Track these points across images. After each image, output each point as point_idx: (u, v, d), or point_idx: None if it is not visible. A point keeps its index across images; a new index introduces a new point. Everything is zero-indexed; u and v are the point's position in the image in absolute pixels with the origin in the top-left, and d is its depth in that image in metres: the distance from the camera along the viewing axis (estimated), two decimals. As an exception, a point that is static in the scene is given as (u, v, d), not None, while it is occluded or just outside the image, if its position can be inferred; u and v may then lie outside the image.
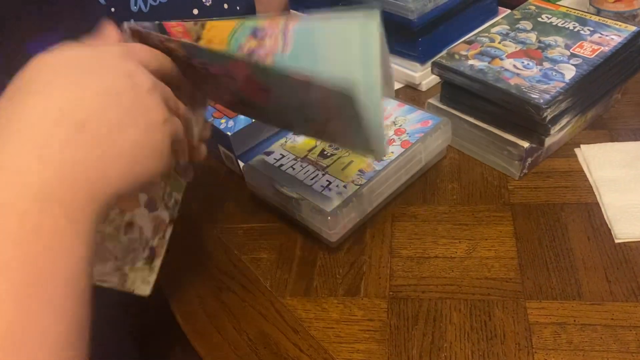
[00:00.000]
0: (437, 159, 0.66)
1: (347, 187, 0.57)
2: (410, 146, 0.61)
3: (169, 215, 0.54)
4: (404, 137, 0.62)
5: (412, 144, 0.61)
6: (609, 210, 0.57)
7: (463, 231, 0.58)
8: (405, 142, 0.61)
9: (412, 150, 0.61)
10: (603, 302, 0.50)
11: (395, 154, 0.60)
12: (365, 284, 0.55)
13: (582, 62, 0.60)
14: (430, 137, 0.62)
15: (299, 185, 0.59)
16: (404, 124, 0.64)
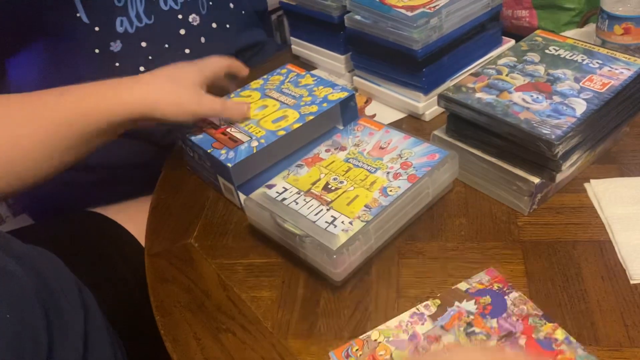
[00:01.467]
0: (444, 193, 0.65)
1: (352, 224, 0.55)
2: (417, 180, 0.59)
3: None
4: (411, 170, 0.60)
5: (419, 179, 0.59)
6: (622, 250, 0.55)
7: (473, 270, 0.56)
8: (412, 177, 0.59)
9: (419, 184, 0.59)
10: (621, 348, 0.47)
11: (402, 189, 0.58)
12: (372, 325, 0.52)
13: (593, 97, 0.59)
14: (438, 171, 0.60)
15: (303, 220, 0.56)
16: (410, 157, 0.62)
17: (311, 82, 0.77)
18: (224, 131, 0.70)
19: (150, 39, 0.84)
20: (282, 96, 0.75)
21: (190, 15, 0.88)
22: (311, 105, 0.72)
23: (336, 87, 0.75)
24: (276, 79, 0.80)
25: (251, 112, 0.73)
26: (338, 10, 0.84)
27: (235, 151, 0.66)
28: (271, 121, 0.70)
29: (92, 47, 0.80)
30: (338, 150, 0.65)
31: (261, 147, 0.66)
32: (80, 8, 0.77)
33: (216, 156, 0.66)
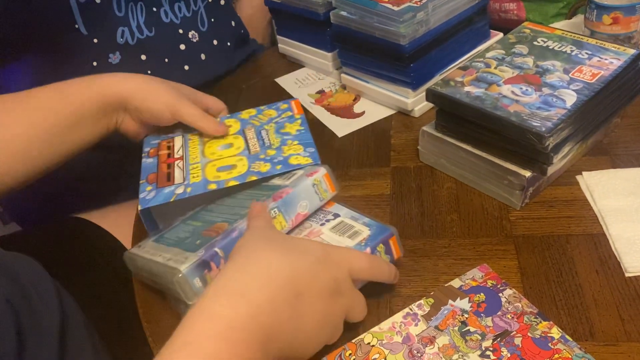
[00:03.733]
0: None
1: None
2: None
3: None
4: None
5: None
6: (616, 242, 0.54)
7: (465, 266, 0.55)
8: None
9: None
10: (618, 343, 0.46)
11: None
12: (363, 327, 0.51)
13: (583, 87, 0.58)
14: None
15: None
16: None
17: (293, 132, 0.66)
18: (171, 163, 0.64)
19: (150, 52, 0.83)
20: (254, 139, 0.66)
21: (190, 31, 0.87)
22: (267, 162, 0.61)
23: (308, 150, 0.63)
24: (269, 114, 0.71)
25: (212, 149, 0.65)
26: (323, 7, 0.83)
27: (158, 192, 0.59)
28: (217, 168, 0.62)
29: (89, 60, 0.79)
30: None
31: (182, 197, 0.58)
32: (79, 19, 0.75)
33: (140, 191, 0.60)
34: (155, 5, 0.83)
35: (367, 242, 0.53)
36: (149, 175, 0.63)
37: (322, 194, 0.57)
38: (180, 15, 0.86)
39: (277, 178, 0.59)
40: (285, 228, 0.55)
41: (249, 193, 0.59)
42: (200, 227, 0.56)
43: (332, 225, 0.56)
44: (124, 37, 0.80)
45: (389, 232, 0.54)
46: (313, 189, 0.57)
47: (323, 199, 0.58)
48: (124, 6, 0.79)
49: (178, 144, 0.67)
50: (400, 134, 0.75)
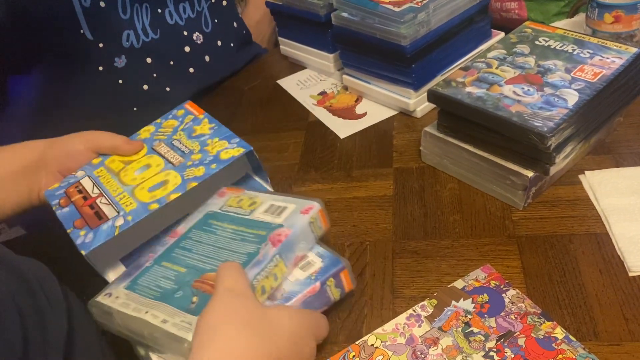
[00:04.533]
0: None
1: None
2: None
3: None
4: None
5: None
6: (620, 241, 0.54)
7: (468, 267, 0.55)
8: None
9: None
10: (622, 343, 0.46)
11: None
12: (367, 328, 0.51)
13: (585, 87, 0.58)
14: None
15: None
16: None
17: (207, 132, 0.64)
18: (92, 203, 0.59)
19: (155, 54, 0.83)
20: (170, 152, 0.62)
21: (194, 33, 0.87)
22: (198, 166, 0.59)
23: (233, 141, 0.61)
24: (170, 124, 0.67)
25: (129, 176, 0.61)
26: (325, 9, 0.83)
27: (96, 232, 0.55)
28: (147, 189, 0.58)
29: (95, 64, 0.79)
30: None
31: (126, 227, 0.55)
32: (84, 24, 0.75)
33: (74, 238, 0.55)
34: (160, 7, 0.83)
35: (317, 276, 0.50)
36: (75, 222, 0.57)
37: (317, 231, 0.53)
38: (184, 16, 0.86)
39: (263, 212, 0.55)
40: (285, 274, 0.50)
41: (234, 231, 0.54)
42: (185, 275, 0.51)
43: None
44: (130, 40, 0.80)
45: (340, 266, 0.51)
46: (309, 228, 0.53)
47: (317, 236, 0.54)
48: (129, 8, 0.79)
49: (88, 185, 0.61)
50: (402, 135, 0.75)
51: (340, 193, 0.67)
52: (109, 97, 0.83)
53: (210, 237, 0.54)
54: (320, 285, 0.50)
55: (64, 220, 0.58)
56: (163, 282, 0.51)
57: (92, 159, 0.65)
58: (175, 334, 0.45)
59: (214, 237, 0.54)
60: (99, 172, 0.63)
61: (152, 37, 0.82)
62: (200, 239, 0.54)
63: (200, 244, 0.54)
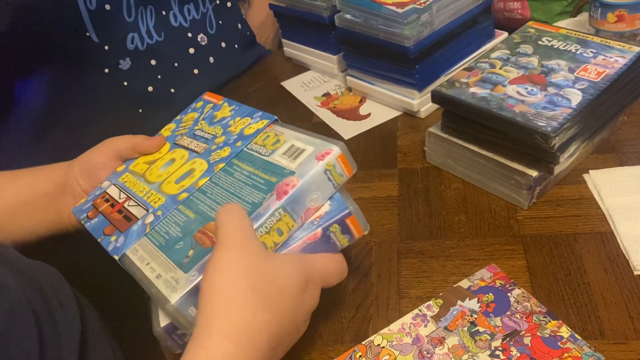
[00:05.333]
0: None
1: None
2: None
3: None
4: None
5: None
6: (625, 240, 0.54)
7: (473, 267, 0.55)
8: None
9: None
10: (628, 341, 0.47)
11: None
12: (373, 328, 0.52)
13: (588, 86, 0.58)
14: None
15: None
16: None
17: (228, 115, 0.61)
18: (121, 207, 0.56)
19: (160, 56, 0.83)
20: (193, 142, 0.60)
21: (198, 34, 0.88)
22: (223, 147, 0.56)
23: (255, 116, 0.58)
24: (190, 117, 0.65)
25: (154, 174, 0.58)
26: (328, 10, 0.83)
27: (126, 235, 0.52)
28: (174, 181, 0.55)
29: (101, 67, 0.80)
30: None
31: (157, 222, 0.51)
32: (90, 27, 0.76)
33: (105, 247, 0.53)
34: (165, 9, 0.84)
35: (320, 221, 0.47)
36: (105, 229, 0.55)
37: (337, 179, 0.48)
38: (189, 18, 0.87)
39: (282, 153, 0.50)
40: (294, 228, 0.47)
41: (249, 174, 0.50)
42: (192, 222, 0.49)
43: None
44: (134, 42, 0.81)
45: (346, 212, 0.47)
46: (325, 176, 0.47)
47: (337, 184, 0.49)
48: (134, 11, 0.80)
49: (115, 192, 0.59)
50: (406, 135, 0.75)
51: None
52: (115, 99, 0.83)
53: (228, 179, 0.51)
54: (322, 232, 0.47)
55: (94, 231, 0.55)
56: (172, 228, 0.49)
57: (116, 168, 0.63)
58: (162, 292, 0.43)
59: (230, 179, 0.51)
60: (124, 178, 0.60)
61: (156, 40, 0.83)
62: (218, 180, 0.51)
63: (216, 187, 0.50)
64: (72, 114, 0.83)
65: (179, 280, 0.43)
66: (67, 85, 0.81)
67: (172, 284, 0.43)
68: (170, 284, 0.44)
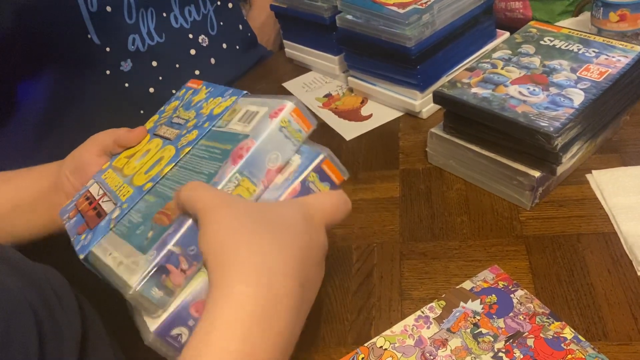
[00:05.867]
0: None
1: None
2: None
3: None
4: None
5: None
6: (628, 240, 0.54)
7: (476, 268, 0.55)
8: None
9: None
10: (631, 342, 0.46)
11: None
12: (375, 330, 0.52)
13: (591, 86, 0.58)
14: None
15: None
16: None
17: (203, 97, 0.59)
18: (96, 204, 0.54)
19: (161, 58, 0.83)
20: (168, 130, 0.57)
21: (199, 36, 0.87)
22: (192, 131, 0.53)
23: (226, 94, 0.56)
24: (172, 107, 0.63)
25: (130, 167, 0.56)
26: (329, 11, 0.83)
27: (94, 232, 0.50)
28: (144, 172, 0.53)
29: (102, 68, 0.80)
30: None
31: (121, 216, 0.49)
32: (91, 29, 0.76)
33: (75, 246, 0.50)
34: (166, 10, 0.84)
35: (296, 175, 0.46)
36: (78, 228, 0.53)
37: (295, 135, 0.46)
38: (190, 19, 0.87)
39: (237, 120, 0.49)
40: (256, 193, 0.45)
41: (206, 148, 0.49)
42: (152, 205, 0.47)
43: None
44: (135, 44, 0.81)
45: (319, 158, 0.46)
46: (282, 134, 0.46)
47: (297, 140, 0.47)
48: (135, 13, 0.80)
49: (95, 190, 0.57)
50: (408, 136, 0.75)
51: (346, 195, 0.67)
52: (116, 100, 0.83)
53: (192, 160, 0.49)
54: (300, 185, 0.46)
55: (69, 231, 0.53)
56: (134, 215, 0.47)
57: (103, 164, 0.62)
58: (123, 278, 0.41)
59: (188, 157, 0.49)
60: (106, 175, 0.59)
61: (157, 41, 0.83)
62: (185, 164, 0.50)
63: (180, 170, 0.49)
64: (74, 116, 0.83)
65: (139, 262, 0.42)
66: (69, 86, 0.81)
67: (132, 267, 0.42)
68: (131, 267, 0.42)
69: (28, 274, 0.46)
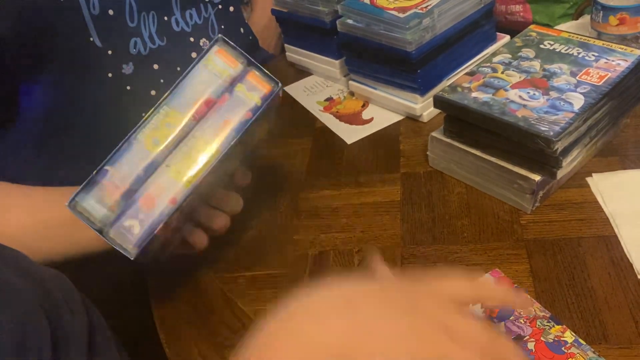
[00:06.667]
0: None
1: None
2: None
3: None
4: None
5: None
6: (628, 244, 0.54)
7: (477, 272, 0.55)
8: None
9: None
10: (632, 346, 0.47)
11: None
12: (377, 334, 0.52)
13: (591, 90, 0.58)
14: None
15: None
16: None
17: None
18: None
19: (162, 61, 0.83)
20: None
21: (201, 39, 0.88)
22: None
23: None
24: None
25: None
26: (330, 15, 0.83)
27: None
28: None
29: (105, 71, 0.80)
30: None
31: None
32: (93, 32, 0.76)
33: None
34: (167, 14, 0.84)
35: (229, 87, 0.52)
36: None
37: (222, 73, 0.53)
38: (191, 22, 0.87)
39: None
40: (187, 120, 0.52)
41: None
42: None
43: None
44: (137, 47, 0.81)
45: (244, 70, 0.52)
46: (207, 71, 0.53)
47: (226, 78, 0.53)
48: (137, 16, 0.80)
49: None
50: (409, 140, 0.75)
51: (348, 199, 0.68)
52: (118, 103, 0.83)
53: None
54: (229, 95, 0.52)
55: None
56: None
57: None
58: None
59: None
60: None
61: (158, 44, 0.83)
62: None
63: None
64: (76, 119, 0.84)
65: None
66: (71, 89, 0.82)
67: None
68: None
69: (37, 277, 0.46)
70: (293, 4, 0.89)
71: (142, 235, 0.49)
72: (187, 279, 0.62)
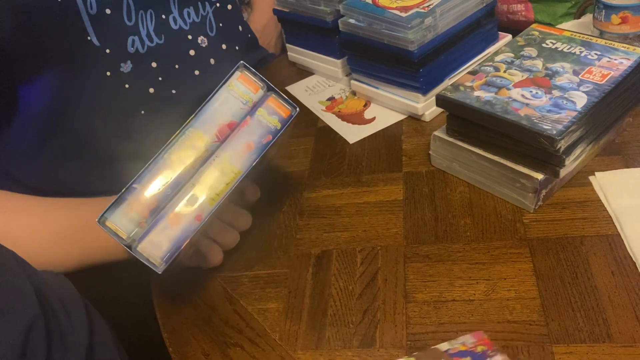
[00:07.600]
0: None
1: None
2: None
3: None
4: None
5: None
6: (632, 242, 0.54)
7: (480, 271, 0.55)
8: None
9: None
10: (635, 344, 0.46)
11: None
12: (380, 333, 0.52)
13: (593, 89, 0.58)
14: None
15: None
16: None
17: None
18: None
19: (160, 59, 0.84)
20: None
21: (199, 37, 0.88)
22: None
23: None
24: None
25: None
26: (332, 15, 0.84)
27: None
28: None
29: (103, 70, 0.80)
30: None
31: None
32: (91, 31, 0.76)
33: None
34: (165, 12, 0.84)
35: (249, 112, 0.56)
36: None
37: (243, 97, 0.56)
38: (189, 20, 0.87)
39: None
40: (211, 142, 0.54)
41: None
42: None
43: None
44: (135, 45, 0.81)
45: (266, 96, 0.56)
46: (230, 95, 0.56)
47: (247, 102, 0.57)
48: (134, 15, 0.80)
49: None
50: (411, 139, 0.75)
51: (350, 198, 0.68)
52: (117, 101, 0.84)
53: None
54: (250, 118, 0.55)
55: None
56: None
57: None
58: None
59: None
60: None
61: (156, 42, 0.83)
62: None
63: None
64: (75, 118, 0.84)
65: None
66: (69, 89, 0.82)
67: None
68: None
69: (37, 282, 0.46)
70: (295, 4, 0.89)
71: (169, 251, 0.52)
72: (190, 278, 0.62)
